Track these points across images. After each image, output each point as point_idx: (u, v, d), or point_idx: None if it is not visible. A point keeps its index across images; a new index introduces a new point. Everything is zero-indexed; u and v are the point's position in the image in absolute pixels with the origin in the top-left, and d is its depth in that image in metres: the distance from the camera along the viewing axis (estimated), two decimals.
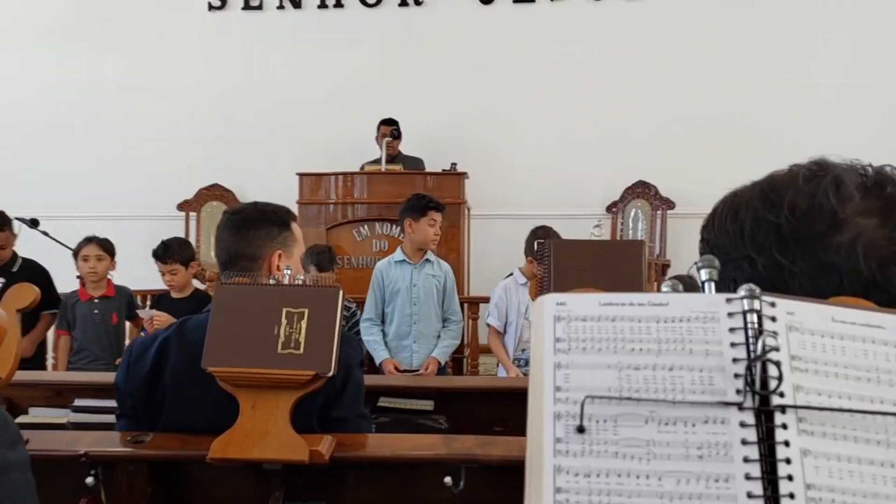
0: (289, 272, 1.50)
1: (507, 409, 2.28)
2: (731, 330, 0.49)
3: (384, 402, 2.32)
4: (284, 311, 1.41)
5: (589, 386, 0.48)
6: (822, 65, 5.57)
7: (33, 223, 4.57)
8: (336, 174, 4.61)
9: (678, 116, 5.60)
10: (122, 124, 6.11)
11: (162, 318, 3.20)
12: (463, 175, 4.65)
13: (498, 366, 3.58)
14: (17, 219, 4.03)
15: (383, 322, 3.49)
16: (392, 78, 5.90)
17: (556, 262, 1.39)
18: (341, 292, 1.44)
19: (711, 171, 5.39)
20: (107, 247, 3.76)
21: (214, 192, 6.11)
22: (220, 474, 1.50)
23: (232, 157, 6.01)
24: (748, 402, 0.47)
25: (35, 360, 3.83)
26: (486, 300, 4.20)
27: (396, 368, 3.36)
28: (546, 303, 0.51)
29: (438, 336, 3.45)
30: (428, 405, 2.28)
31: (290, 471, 1.46)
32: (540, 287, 1.39)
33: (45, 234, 4.67)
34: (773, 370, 0.47)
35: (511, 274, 3.55)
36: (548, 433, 0.47)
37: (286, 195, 4.86)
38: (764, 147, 5.39)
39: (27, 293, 1.49)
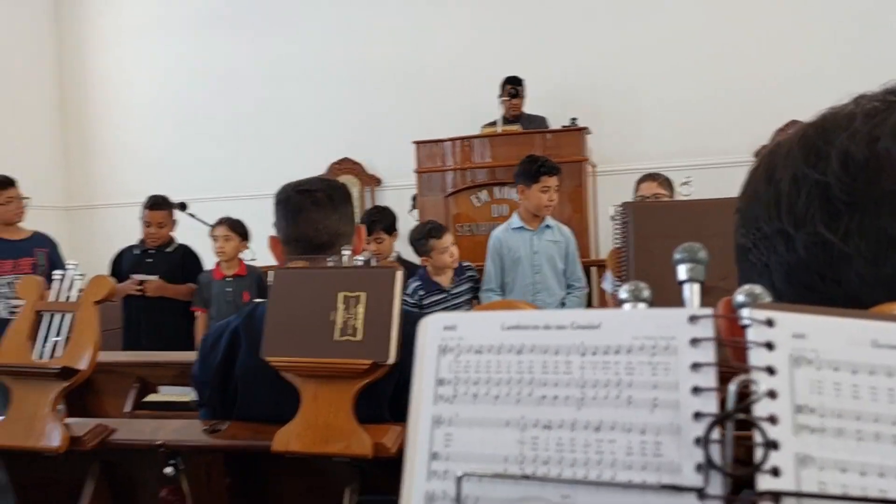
0: (347, 253, 1.41)
1: None
2: (696, 367, 0.31)
3: None
4: (341, 295, 1.32)
5: (476, 453, 0.33)
6: None
7: (182, 206, 4.85)
8: (452, 139, 4.50)
9: (832, 47, 4.93)
10: (258, 106, 6.37)
11: None
12: (584, 130, 4.37)
13: None
14: None
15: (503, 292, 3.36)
16: (509, 35, 5.67)
17: (637, 227, 1.19)
18: (399, 273, 1.33)
19: None
20: (235, 227, 3.91)
21: (345, 165, 6.24)
22: (296, 465, 1.47)
23: (358, 130, 6.09)
24: (714, 487, 0.29)
25: (186, 338, 4.08)
26: None
27: None
28: (429, 326, 0.36)
29: (563, 304, 3.27)
30: None
31: (368, 462, 1.39)
32: (618, 260, 1.20)
33: (192, 216, 4.97)
34: (758, 433, 0.30)
35: None
36: None
37: (410, 164, 4.85)
38: None
39: (103, 285, 1.51)
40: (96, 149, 6.88)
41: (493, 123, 4.69)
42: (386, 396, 1.43)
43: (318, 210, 1.59)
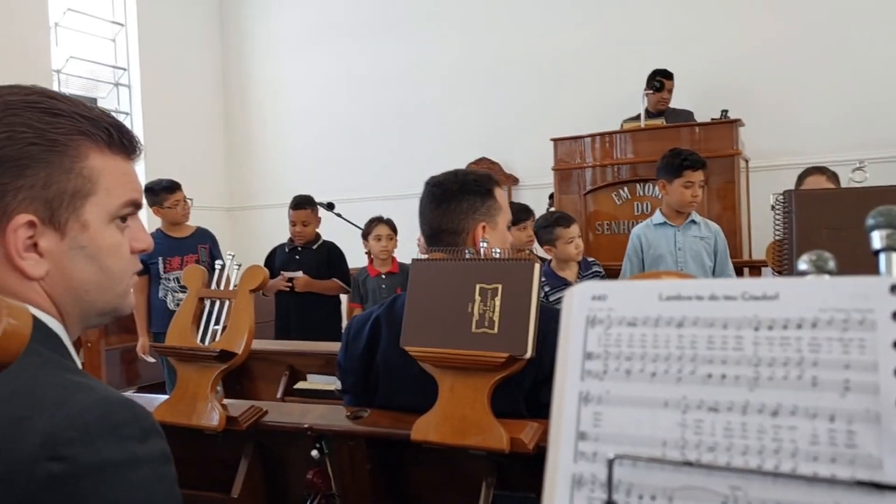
0: (484, 245, 1.40)
1: None
2: None
3: None
4: (478, 287, 1.31)
5: (630, 435, 0.29)
6: None
7: (329, 206, 5.08)
8: (592, 135, 4.39)
9: None
10: (399, 109, 6.56)
11: None
12: (736, 123, 4.11)
13: None
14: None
15: None
16: (653, 26, 5.46)
17: (801, 218, 1.09)
18: (538, 266, 1.30)
19: None
20: (394, 226, 4.05)
21: (482, 165, 6.26)
22: (435, 456, 1.47)
23: (496, 129, 6.11)
24: None
25: (331, 330, 4.27)
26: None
27: None
28: (576, 296, 0.33)
29: None
30: None
31: (505, 457, 1.38)
32: (779, 253, 1.10)
33: (339, 215, 5.19)
34: None
35: None
36: None
37: (548, 163, 4.79)
38: None
39: (257, 275, 1.60)
40: (254, 153, 7.37)
41: (636, 118, 4.53)
42: (523, 391, 1.40)
43: (427, 204, 1.60)
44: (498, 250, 1.35)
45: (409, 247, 4.23)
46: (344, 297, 4.46)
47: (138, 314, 4.04)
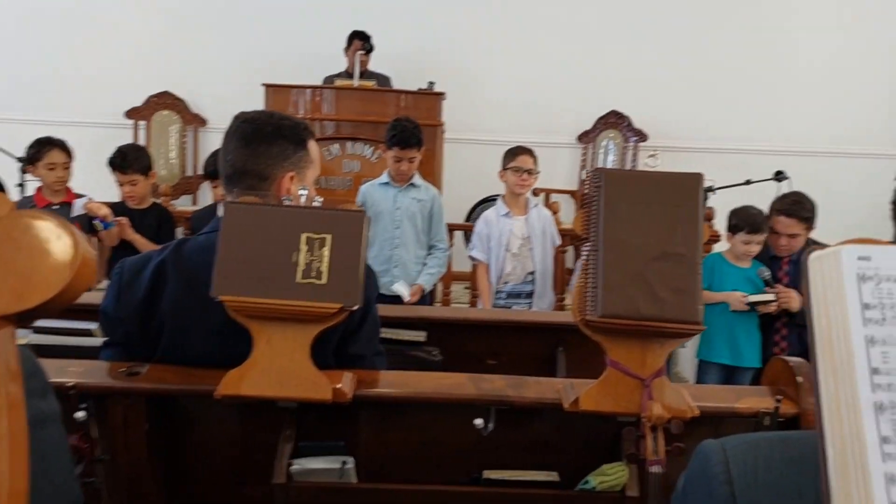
0: (304, 193, 1.34)
1: (496, 341, 2.22)
2: None
3: None
4: (304, 236, 1.26)
5: None
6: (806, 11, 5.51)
7: None
8: (305, 87, 4.33)
9: (657, 47, 5.46)
10: (65, 19, 5.60)
11: (93, 206, 3.09)
12: (440, 96, 4.44)
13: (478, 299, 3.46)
14: None
15: None
16: None
17: (608, 192, 1.28)
18: (367, 218, 1.30)
19: (688, 104, 5.34)
20: (70, 152, 3.45)
21: (165, 100, 5.74)
22: (223, 411, 1.38)
23: (185, 63, 5.61)
24: None
25: None
26: (458, 227, 4.10)
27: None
28: (843, 256, 0.39)
29: (424, 263, 3.32)
30: (420, 336, 2.19)
31: (301, 409, 1.35)
32: (587, 220, 1.28)
33: None
34: None
35: (493, 200, 3.42)
36: (869, 431, 0.36)
37: (244, 107, 4.56)
38: (741, 84, 5.35)
39: (2, 203, 1.29)
40: None
41: (345, 76, 4.58)
42: (332, 343, 1.39)
43: (234, 140, 1.48)
44: (319, 199, 1.30)
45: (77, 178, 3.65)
46: None
47: None
